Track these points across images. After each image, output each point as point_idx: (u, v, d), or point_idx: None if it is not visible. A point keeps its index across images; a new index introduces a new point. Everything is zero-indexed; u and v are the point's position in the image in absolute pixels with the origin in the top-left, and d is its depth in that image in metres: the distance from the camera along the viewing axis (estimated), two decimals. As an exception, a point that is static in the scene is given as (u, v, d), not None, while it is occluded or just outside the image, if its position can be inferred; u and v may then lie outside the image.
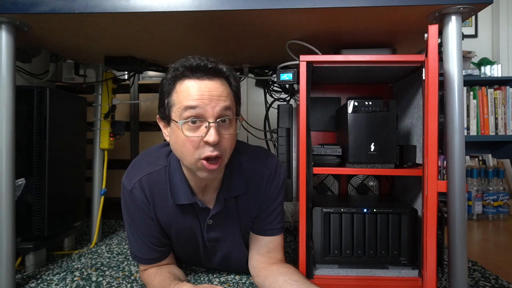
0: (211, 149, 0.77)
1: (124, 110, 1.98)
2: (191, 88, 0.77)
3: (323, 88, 1.33)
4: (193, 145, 0.77)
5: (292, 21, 0.95)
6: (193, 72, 0.78)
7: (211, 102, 0.76)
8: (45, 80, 1.36)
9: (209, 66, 0.78)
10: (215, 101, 0.77)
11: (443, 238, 0.89)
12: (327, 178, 1.30)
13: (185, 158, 0.80)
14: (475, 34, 2.42)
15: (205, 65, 0.78)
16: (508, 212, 1.97)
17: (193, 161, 0.79)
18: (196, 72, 0.78)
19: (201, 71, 0.78)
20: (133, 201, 0.89)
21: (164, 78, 0.82)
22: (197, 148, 0.77)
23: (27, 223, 1.13)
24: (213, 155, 0.77)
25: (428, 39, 0.85)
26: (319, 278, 0.96)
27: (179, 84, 0.79)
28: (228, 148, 0.81)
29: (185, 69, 0.78)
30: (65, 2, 0.88)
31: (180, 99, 0.77)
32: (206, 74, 0.78)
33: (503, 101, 2.13)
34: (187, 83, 0.78)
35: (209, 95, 0.77)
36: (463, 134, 0.85)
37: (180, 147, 0.79)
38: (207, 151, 0.77)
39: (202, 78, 0.78)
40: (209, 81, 0.78)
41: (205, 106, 0.76)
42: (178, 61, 0.80)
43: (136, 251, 0.94)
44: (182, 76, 0.78)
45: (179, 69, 0.79)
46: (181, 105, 0.77)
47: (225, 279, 1.05)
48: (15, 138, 0.94)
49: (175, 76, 0.79)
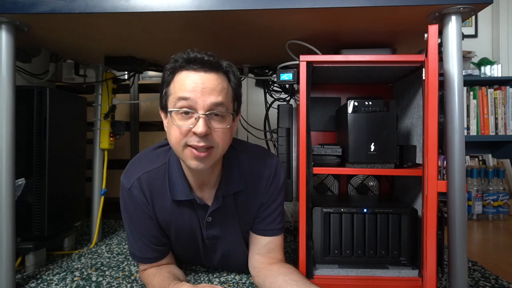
0: (197, 139, 0.78)
1: (124, 110, 1.98)
2: (186, 79, 0.79)
3: (323, 88, 1.33)
4: (181, 132, 0.78)
5: (292, 21, 0.95)
6: (190, 63, 0.79)
7: (203, 95, 0.77)
8: (45, 80, 1.36)
9: (206, 59, 0.79)
10: (207, 94, 0.78)
11: (443, 238, 0.89)
12: (327, 178, 1.30)
13: (173, 146, 0.82)
14: (475, 34, 2.42)
15: (202, 57, 0.79)
16: (508, 212, 1.97)
17: (180, 148, 0.80)
18: (193, 63, 0.79)
19: (198, 63, 0.79)
20: (132, 200, 0.89)
21: (164, 68, 0.84)
22: (185, 136, 0.79)
23: (27, 223, 1.13)
24: (199, 146, 0.78)
25: (428, 39, 0.85)
26: (319, 278, 0.96)
27: (177, 75, 0.81)
28: (220, 141, 0.81)
29: (183, 60, 0.80)
30: (65, 2, 0.88)
31: (175, 90, 0.80)
32: (202, 66, 0.79)
33: (503, 101, 2.13)
34: (183, 74, 0.80)
35: (202, 87, 0.78)
36: (463, 134, 0.85)
37: (170, 135, 0.81)
38: (193, 141, 0.78)
39: (198, 70, 0.79)
40: (205, 73, 0.79)
41: (196, 98, 0.77)
42: (178, 53, 0.82)
43: (136, 250, 0.94)
44: (179, 67, 0.80)
45: (178, 60, 0.81)
46: (175, 95, 0.79)
47: (225, 279, 1.05)
48: (15, 138, 0.94)
49: (173, 67, 0.81)
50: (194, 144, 0.78)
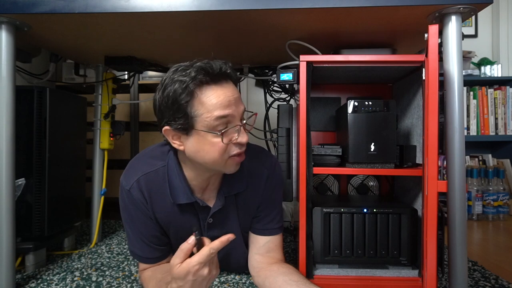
0: (241, 147, 0.81)
1: (124, 110, 1.98)
2: (217, 95, 0.76)
3: (323, 88, 1.33)
4: (224, 148, 0.78)
5: (292, 21, 0.95)
6: (212, 77, 0.76)
7: (236, 106, 0.78)
8: (45, 80, 1.36)
9: (228, 72, 0.78)
10: (238, 104, 0.79)
11: (443, 238, 0.89)
12: (327, 178, 1.30)
13: (214, 162, 0.80)
14: (475, 34, 2.42)
15: (223, 71, 0.77)
16: (508, 212, 1.97)
17: (223, 161, 0.80)
18: (215, 77, 0.76)
19: (219, 76, 0.77)
20: (131, 201, 0.89)
21: (176, 88, 0.75)
22: (227, 149, 0.79)
23: (27, 223, 1.13)
24: (241, 152, 0.81)
25: (428, 39, 0.85)
26: (319, 278, 0.96)
27: (199, 91, 0.75)
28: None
29: (203, 75, 0.75)
30: (65, 2, 0.88)
31: (208, 109, 0.75)
32: (223, 78, 0.78)
33: (503, 101, 2.12)
34: (210, 91, 0.76)
35: (234, 100, 0.78)
36: (463, 134, 0.85)
37: (207, 154, 0.79)
38: (237, 150, 0.80)
39: (221, 83, 0.77)
40: (227, 85, 0.79)
41: (234, 112, 0.77)
42: (190, 67, 0.76)
43: (138, 250, 0.94)
44: (200, 83, 0.75)
45: (197, 77, 0.74)
46: (210, 114, 0.75)
47: (225, 279, 1.05)
48: (15, 138, 0.94)
49: (194, 84, 0.75)
50: (238, 152, 0.80)
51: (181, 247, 0.72)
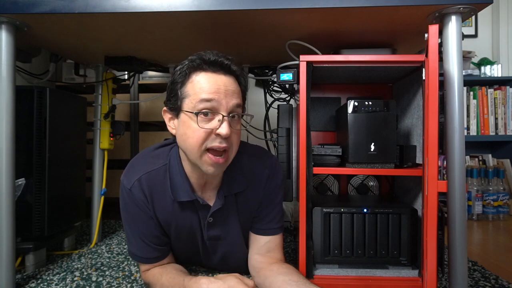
0: (219, 141, 0.79)
1: (124, 110, 1.98)
2: (208, 80, 0.79)
3: (323, 88, 1.33)
4: (203, 136, 0.78)
5: (292, 21, 0.95)
6: (210, 65, 0.80)
7: (226, 97, 0.79)
8: (45, 80, 1.36)
9: (225, 63, 0.81)
10: (229, 96, 0.79)
11: (443, 238, 0.89)
12: (327, 178, 1.30)
13: (192, 150, 0.80)
14: (475, 34, 2.42)
15: (222, 61, 0.80)
16: (508, 212, 1.97)
17: (199, 153, 0.80)
18: (213, 66, 0.80)
19: (218, 65, 0.80)
20: (132, 201, 0.89)
21: (177, 69, 0.82)
22: (206, 139, 0.79)
23: (27, 223, 1.13)
24: (221, 147, 0.79)
25: (428, 39, 0.85)
26: (319, 278, 0.96)
27: (194, 75, 0.80)
28: (235, 143, 0.83)
29: (203, 61, 0.80)
30: (65, 2, 0.88)
31: (195, 91, 0.79)
32: (222, 69, 0.80)
33: (503, 101, 2.13)
34: (203, 75, 0.80)
35: (224, 89, 0.79)
36: (463, 134, 0.85)
37: (188, 138, 0.80)
38: (216, 142, 0.79)
39: (218, 72, 0.80)
40: (224, 76, 0.81)
41: (220, 100, 0.78)
42: (195, 54, 0.82)
43: (137, 250, 0.94)
44: (198, 68, 0.80)
45: (196, 60, 0.80)
46: (196, 96, 0.78)
47: (225, 279, 1.04)
48: (15, 138, 0.94)
49: (191, 67, 0.80)
50: (215, 145, 0.79)
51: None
